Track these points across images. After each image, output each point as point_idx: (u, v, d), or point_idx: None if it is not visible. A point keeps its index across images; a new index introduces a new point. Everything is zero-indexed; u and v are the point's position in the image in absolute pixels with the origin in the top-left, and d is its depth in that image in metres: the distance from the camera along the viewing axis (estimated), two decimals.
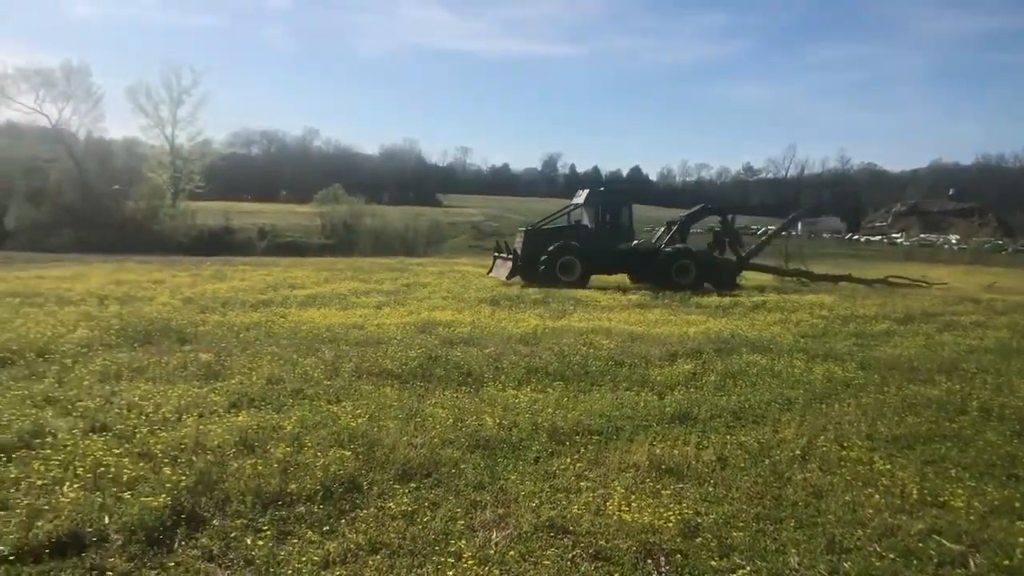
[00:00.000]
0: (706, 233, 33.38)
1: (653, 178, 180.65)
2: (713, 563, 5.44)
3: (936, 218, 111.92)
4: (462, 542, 5.56)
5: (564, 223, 31.26)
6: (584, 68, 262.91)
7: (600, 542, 5.64)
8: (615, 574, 5.29)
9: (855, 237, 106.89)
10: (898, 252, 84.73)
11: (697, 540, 5.75)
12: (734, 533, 5.90)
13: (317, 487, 6.43)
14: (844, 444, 8.29)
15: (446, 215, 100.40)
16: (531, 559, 5.38)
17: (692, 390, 10.77)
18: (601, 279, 29.57)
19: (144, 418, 8.30)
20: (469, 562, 5.22)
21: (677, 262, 28.65)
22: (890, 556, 5.59)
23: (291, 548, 5.43)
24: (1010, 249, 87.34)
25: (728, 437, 8.51)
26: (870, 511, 6.42)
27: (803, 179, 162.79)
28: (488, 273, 30.87)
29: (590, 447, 7.96)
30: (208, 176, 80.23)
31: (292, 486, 6.42)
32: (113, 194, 71.09)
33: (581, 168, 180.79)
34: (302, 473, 6.72)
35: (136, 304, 18.45)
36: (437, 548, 5.48)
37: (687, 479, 7.14)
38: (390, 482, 6.75)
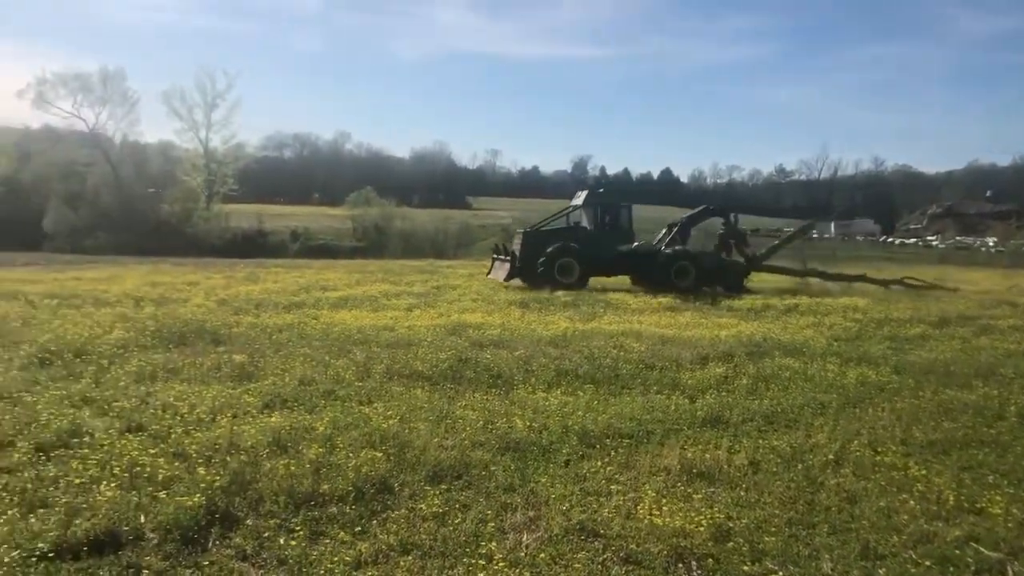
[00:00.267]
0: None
1: (684, 180, 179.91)
2: (745, 568, 5.40)
3: (973, 220, 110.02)
4: (493, 544, 5.58)
5: (564, 224, 30.84)
6: (615, 70, 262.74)
7: (631, 545, 5.62)
8: None
9: (889, 239, 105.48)
10: (933, 255, 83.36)
11: (729, 544, 5.72)
12: (766, 538, 5.86)
13: (349, 488, 6.48)
14: (878, 449, 8.18)
15: (475, 218, 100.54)
16: (562, 562, 5.38)
17: (724, 394, 10.69)
18: (602, 280, 29.35)
19: (179, 418, 8.42)
20: (500, 564, 5.23)
21: (676, 264, 28.27)
22: (926, 563, 5.51)
23: (323, 548, 5.47)
24: None
25: (760, 441, 8.44)
26: (905, 517, 6.33)
27: (836, 181, 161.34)
28: (487, 275, 30.52)
29: (620, 450, 7.93)
30: (241, 179, 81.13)
31: (324, 487, 6.47)
32: (148, 197, 72.20)
33: (611, 170, 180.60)
34: (334, 474, 6.77)
35: (171, 306, 18.72)
36: (468, 550, 5.50)
37: (719, 483, 7.10)
38: (421, 483, 6.78)
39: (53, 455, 7.14)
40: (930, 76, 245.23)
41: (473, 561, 5.30)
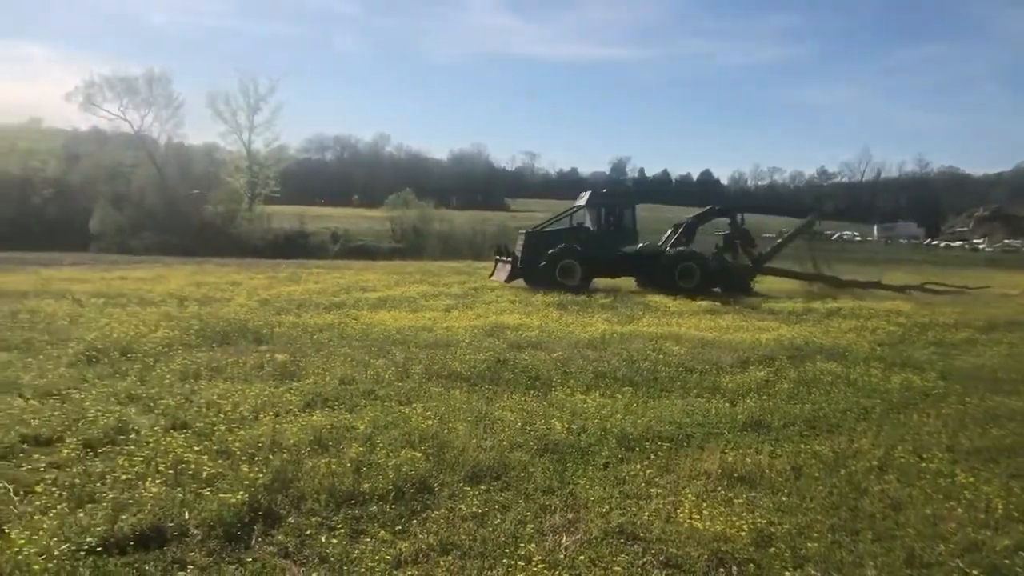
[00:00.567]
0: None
1: (724, 181, 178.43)
2: (787, 574, 5.34)
3: (1022, 223, 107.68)
4: (532, 545, 5.57)
5: (567, 225, 30.46)
6: (654, 71, 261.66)
7: (671, 549, 5.58)
8: None
9: (934, 243, 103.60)
10: (980, 258, 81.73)
11: (770, 550, 5.65)
12: (808, 544, 5.78)
13: (389, 487, 6.52)
14: (924, 456, 8.04)
15: (513, 219, 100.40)
16: (601, 564, 5.36)
17: (765, 398, 10.58)
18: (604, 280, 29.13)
19: (222, 416, 8.54)
20: (539, 566, 5.22)
21: (681, 265, 27.94)
22: (974, 572, 5.40)
23: (364, 547, 5.51)
24: None
25: (802, 446, 8.34)
26: (952, 525, 6.21)
27: (879, 183, 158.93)
28: (489, 276, 30.30)
29: (660, 454, 7.88)
30: (283, 181, 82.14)
31: (365, 485, 6.52)
32: (192, 198, 73.34)
33: (650, 171, 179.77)
34: (374, 473, 6.82)
35: (214, 305, 19.00)
36: (507, 551, 5.50)
37: (760, 488, 7.02)
38: (460, 484, 6.80)
39: (100, 451, 7.30)
40: (978, 76, 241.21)
41: (512, 562, 5.30)
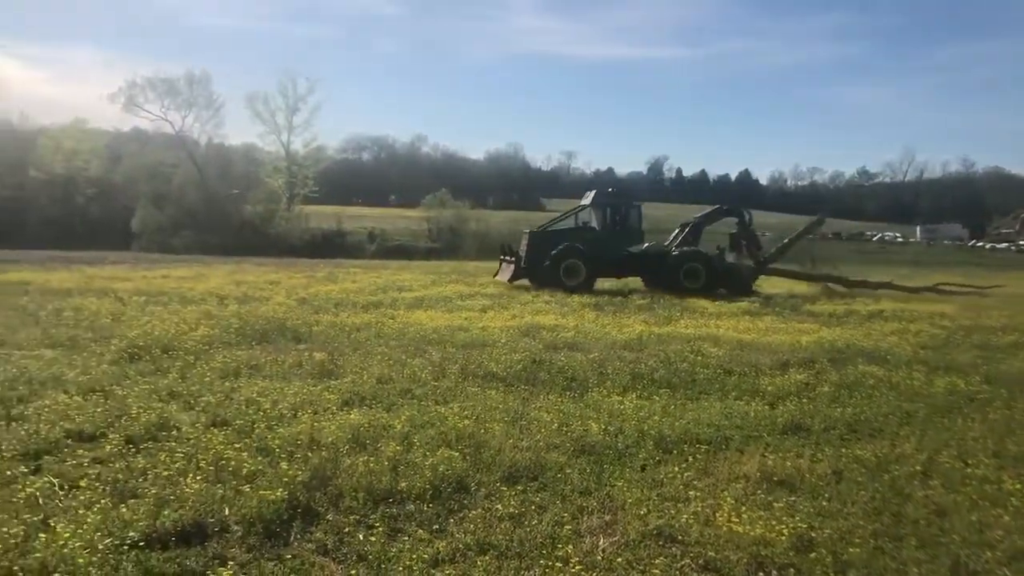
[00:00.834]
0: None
1: (763, 182, 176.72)
2: None
3: None
4: (569, 547, 5.54)
5: (572, 225, 30.32)
6: (694, 70, 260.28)
7: (710, 552, 5.52)
8: None
9: (979, 244, 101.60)
10: None
11: (811, 555, 5.56)
12: (850, 549, 5.67)
13: (426, 486, 6.53)
14: (969, 461, 7.86)
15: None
16: (639, 567, 5.32)
17: (805, 401, 10.42)
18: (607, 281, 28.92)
19: (262, 414, 8.62)
20: (577, 567, 5.19)
21: (686, 265, 27.66)
22: None
23: (402, 545, 5.52)
24: None
25: (843, 450, 8.20)
26: (999, 532, 6.06)
27: (922, 183, 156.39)
28: (494, 276, 30.22)
29: (698, 456, 7.79)
30: (321, 181, 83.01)
31: (402, 484, 6.54)
32: (232, 198, 74.40)
33: (688, 171, 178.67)
34: (411, 472, 6.83)
35: (253, 304, 19.23)
36: (544, 551, 5.47)
37: (800, 492, 6.92)
38: (496, 484, 6.79)
39: (142, 447, 7.40)
40: None
41: (550, 563, 5.27)
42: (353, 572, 5.16)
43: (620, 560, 5.36)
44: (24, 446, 7.24)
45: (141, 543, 5.26)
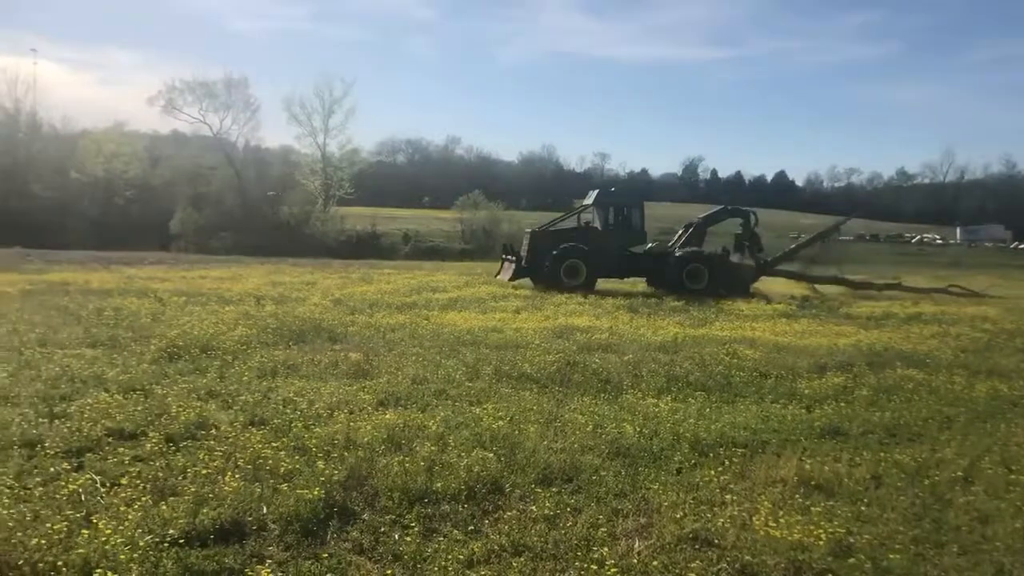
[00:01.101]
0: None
1: (799, 183, 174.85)
2: None
3: None
4: (604, 549, 5.53)
5: (574, 225, 30.06)
6: (728, 71, 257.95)
7: (746, 557, 5.47)
8: None
9: (1022, 246, 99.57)
10: None
11: (850, 560, 5.49)
12: (890, 556, 5.59)
13: (461, 487, 6.55)
14: (1012, 467, 7.71)
15: None
16: (675, 570, 5.28)
17: (843, 404, 10.31)
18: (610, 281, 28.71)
19: (299, 413, 8.70)
20: (612, 570, 5.17)
21: (688, 266, 27.37)
22: None
23: (437, 546, 5.54)
24: None
25: (882, 455, 8.08)
26: None
27: (962, 184, 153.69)
28: (495, 276, 30.08)
29: (735, 460, 7.73)
30: (357, 183, 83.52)
31: (437, 484, 6.56)
32: (269, 199, 75.24)
33: (723, 173, 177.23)
34: (446, 472, 6.86)
35: (290, 304, 19.39)
36: (579, 554, 5.46)
37: (838, 497, 6.84)
38: (531, 485, 6.79)
39: (182, 446, 7.49)
40: None
41: (585, 566, 5.26)
42: (389, 572, 5.19)
43: (656, 563, 5.34)
44: (67, 443, 7.36)
45: (181, 541, 5.33)
